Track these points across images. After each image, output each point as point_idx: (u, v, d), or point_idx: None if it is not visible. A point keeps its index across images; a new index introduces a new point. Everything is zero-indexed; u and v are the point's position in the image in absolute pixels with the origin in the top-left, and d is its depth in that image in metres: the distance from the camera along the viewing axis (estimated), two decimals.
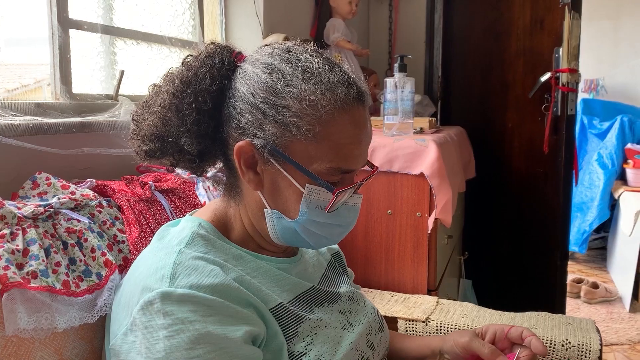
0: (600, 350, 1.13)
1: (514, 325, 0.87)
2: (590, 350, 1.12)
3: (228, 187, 0.85)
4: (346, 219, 0.84)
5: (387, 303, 1.42)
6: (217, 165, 0.88)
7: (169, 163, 0.83)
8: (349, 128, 0.77)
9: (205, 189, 1.19)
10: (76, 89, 1.29)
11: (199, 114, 0.78)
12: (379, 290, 1.55)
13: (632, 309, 3.23)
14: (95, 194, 0.96)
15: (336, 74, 0.77)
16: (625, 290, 3.34)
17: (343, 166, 0.77)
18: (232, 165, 0.81)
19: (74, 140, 1.10)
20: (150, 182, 1.08)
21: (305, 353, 0.76)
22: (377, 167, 0.91)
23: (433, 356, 0.96)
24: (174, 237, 0.79)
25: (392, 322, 1.32)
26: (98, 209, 0.94)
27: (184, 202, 1.12)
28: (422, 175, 1.50)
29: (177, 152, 0.81)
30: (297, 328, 0.78)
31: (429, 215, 1.52)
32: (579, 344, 1.14)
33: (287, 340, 0.76)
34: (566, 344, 1.15)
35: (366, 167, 0.87)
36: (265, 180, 0.79)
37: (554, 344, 1.16)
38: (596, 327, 1.22)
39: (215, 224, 0.84)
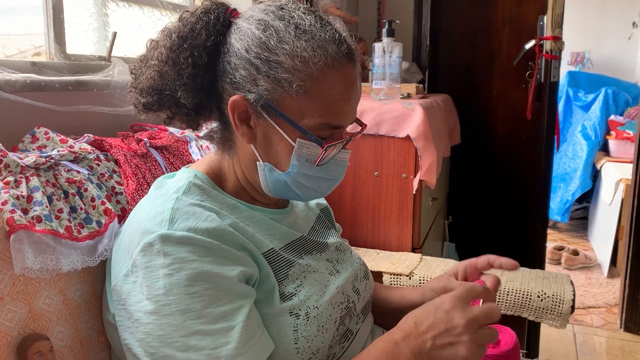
0: (573, 300, 1.20)
1: (481, 256, 0.93)
2: (563, 300, 1.19)
3: (222, 140, 0.89)
4: (334, 172, 0.88)
5: (373, 260, 1.48)
6: (212, 124, 0.92)
7: (165, 116, 0.87)
8: (339, 85, 0.80)
9: (199, 147, 1.23)
10: (70, 49, 1.31)
11: (194, 68, 0.81)
12: (365, 248, 1.61)
13: (610, 275, 3.34)
14: (93, 148, 1.00)
15: (327, 31, 0.80)
16: (604, 257, 3.45)
17: (332, 122, 0.81)
18: (226, 119, 0.85)
19: (70, 98, 1.13)
20: (145, 139, 1.11)
21: (295, 294, 0.82)
22: (365, 125, 0.95)
23: (412, 308, 1.01)
24: (171, 186, 0.83)
25: (377, 276, 1.38)
26: (96, 162, 0.97)
27: (178, 159, 1.16)
28: (408, 138, 1.55)
29: (174, 106, 0.84)
30: (287, 271, 0.83)
31: (414, 177, 1.58)
32: (553, 295, 1.21)
33: (278, 282, 0.81)
34: (541, 295, 1.21)
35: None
36: (258, 134, 0.83)
37: (530, 296, 1.23)
38: (570, 280, 1.29)
39: (210, 176, 0.88)
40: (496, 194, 2.59)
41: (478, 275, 0.93)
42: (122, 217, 0.94)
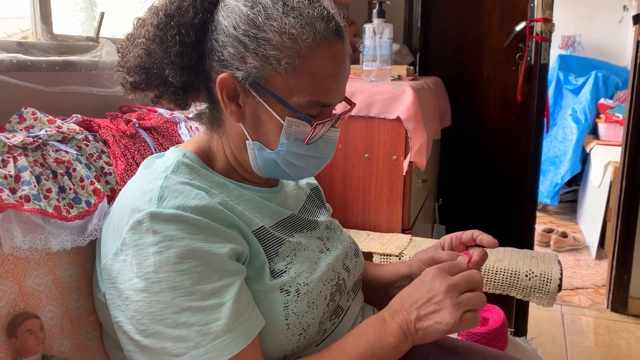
0: (561, 279, 1.22)
1: (465, 231, 0.94)
2: (551, 279, 1.21)
3: (211, 119, 0.89)
4: (324, 151, 0.88)
5: (363, 241, 1.49)
6: (201, 105, 0.91)
7: (153, 95, 0.86)
8: (328, 62, 0.80)
9: (188, 129, 1.22)
10: (57, 30, 1.29)
11: (182, 46, 0.80)
12: (356, 230, 1.62)
13: (598, 256, 3.39)
14: (82, 129, 0.99)
15: (316, 8, 0.80)
16: (592, 239, 3.49)
17: (321, 100, 0.81)
18: (214, 98, 0.84)
19: (58, 78, 1.12)
20: (134, 120, 1.11)
21: (285, 271, 0.82)
22: (354, 104, 0.95)
23: (401, 280, 1.03)
24: (160, 165, 0.83)
25: (367, 256, 1.39)
26: (85, 142, 0.97)
27: (167, 140, 1.15)
28: (398, 119, 1.55)
29: (162, 84, 0.84)
30: (277, 249, 0.84)
31: (404, 159, 1.58)
32: (541, 274, 1.22)
33: (268, 260, 0.82)
34: (529, 274, 1.23)
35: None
36: (247, 112, 0.83)
37: (518, 275, 1.24)
38: (558, 259, 1.31)
39: (199, 155, 0.88)
40: (486, 176, 2.60)
41: (463, 249, 0.94)
42: (112, 197, 0.94)
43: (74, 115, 1.03)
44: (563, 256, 3.39)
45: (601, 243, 3.42)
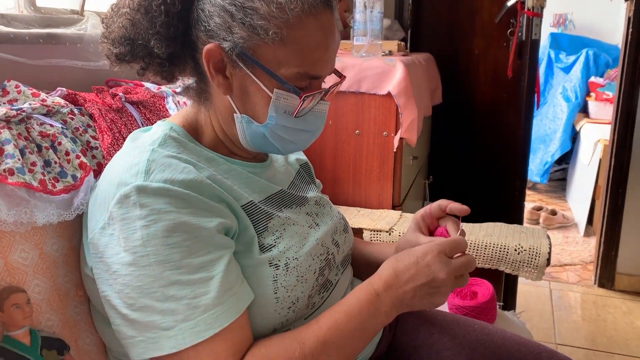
0: (549, 253, 1.22)
1: (432, 204, 0.93)
2: (540, 253, 1.22)
3: (198, 92, 0.88)
4: (313, 124, 0.87)
5: (354, 217, 1.49)
6: (188, 80, 0.90)
7: (139, 67, 0.85)
8: (317, 33, 0.78)
9: (176, 103, 1.21)
10: (40, 2, 1.26)
11: (167, 16, 0.79)
12: (346, 206, 1.62)
13: (586, 234, 3.42)
14: (67, 102, 0.98)
15: None
16: (581, 216, 3.52)
17: (310, 71, 0.80)
18: (201, 70, 0.83)
19: (41, 51, 1.09)
20: (121, 94, 1.09)
21: (274, 245, 0.82)
22: (344, 76, 0.93)
23: None
24: (147, 139, 0.82)
25: (358, 233, 1.39)
26: (70, 116, 0.95)
27: (154, 115, 1.14)
28: (389, 95, 1.54)
29: (147, 56, 0.82)
30: (266, 223, 0.83)
31: (395, 135, 1.57)
32: (530, 248, 1.23)
33: (257, 234, 0.81)
34: (518, 249, 1.24)
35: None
36: (234, 84, 0.81)
37: (507, 249, 1.25)
38: (547, 234, 1.32)
39: (187, 129, 0.86)
40: (476, 154, 2.60)
41: (436, 222, 0.93)
42: (98, 171, 0.93)
43: (58, 88, 1.01)
44: (552, 233, 3.43)
45: (589, 220, 3.46)
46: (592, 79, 4.20)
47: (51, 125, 0.89)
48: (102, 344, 0.90)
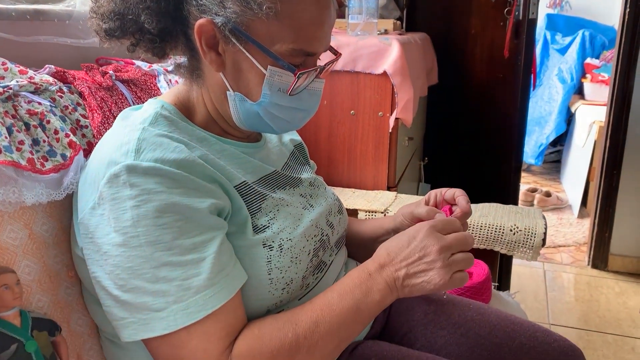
0: (545, 234, 1.22)
1: (449, 188, 0.94)
2: (535, 234, 1.21)
3: (190, 69, 0.85)
4: (308, 103, 0.85)
5: (349, 198, 1.48)
6: (181, 58, 0.87)
7: (129, 43, 0.82)
8: (312, 7, 0.76)
9: (167, 82, 1.18)
10: None
11: None
12: (341, 188, 1.61)
13: (580, 215, 3.43)
14: (55, 80, 0.95)
15: None
16: (575, 198, 3.53)
17: (305, 48, 0.78)
18: (193, 46, 0.81)
19: (29, 28, 1.07)
20: (111, 72, 1.06)
21: (268, 226, 0.80)
22: (340, 54, 0.92)
23: (386, 234, 1.02)
24: (137, 117, 0.80)
25: (353, 214, 1.38)
26: (59, 94, 0.93)
27: (146, 93, 1.11)
28: (384, 74, 1.52)
29: (138, 32, 0.80)
30: (260, 204, 0.82)
31: (390, 115, 1.56)
32: (525, 229, 1.22)
33: (251, 215, 0.80)
34: (514, 229, 1.23)
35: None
36: (227, 61, 0.79)
37: (503, 229, 1.24)
38: (542, 214, 1.31)
39: (178, 107, 0.85)
40: (472, 134, 2.59)
41: (445, 205, 0.95)
42: (89, 150, 0.91)
43: (47, 66, 0.99)
44: (546, 215, 3.41)
45: (584, 202, 3.46)
46: (588, 60, 4.18)
47: (39, 103, 0.87)
48: (94, 325, 0.89)
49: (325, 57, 0.87)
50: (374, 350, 0.89)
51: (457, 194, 0.94)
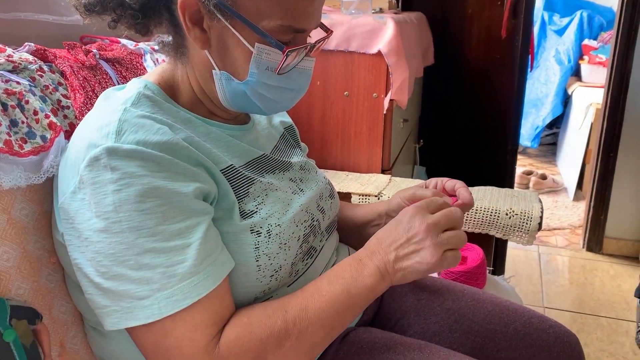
0: (541, 217, 1.20)
1: (450, 179, 0.92)
2: (532, 217, 1.19)
3: (174, 47, 0.82)
4: (297, 82, 0.82)
5: (342, 181, 1.45)
6: (168, 37, 0.83)
7: (110, 19, 0.79)
8: None
9: (154, 61, 1.14)
10: None
11: None
12: (334, 171, 1.58)
13: (576, 198, 3.42)
14: (35, 59, 0.91)
15: None
16: (571, 180, 3.51)
17: (294, 24, 0.74)
18: (177, 22, 0.77)
19: (7, 3, 1.02)
20: (95, 50, 1.03)
21: (256, 211, 0.78)
22: (331, 31, 0.88)
23: (379, 219, 1.00)
24: (119, 98, 0.76)
25: (346, 197, 1.36)
26: (39, 73, 0.89)
27: (131, 73, 1.08)
28: (379, 54, 1.48)
29: (119, 7, 0.76)
30: (248, 189, 0.79)
31: (385, 96, 1.52)
32: (521, 212, 1.20)
33: (238, 200, 0.77)
34: (509, 213, 1.21)
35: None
36: (213, 38, 0.76)
37: (498, 213, 1.22)
38: (539, 197, 1.29)
39: (163, 87, 0.81)
40: (468, 116, 2.55)
41: (445, 194, 0.92)
42: (71, 132, 0.88)
43: (26, 44, 0.95)
44: (542, 198, 3.42)
45: (579, 185, 3.45)
46: (586, 41, 4.14)
47: (18, 83, 0.83)
48: (78, 312, 0.86)
49: (316, 35, 0.83)
50: (366, 337, 0.87)
51: (458, 186, 0.91)
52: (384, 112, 1.54)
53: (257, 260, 0.75)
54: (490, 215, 1.21)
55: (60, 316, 0.84)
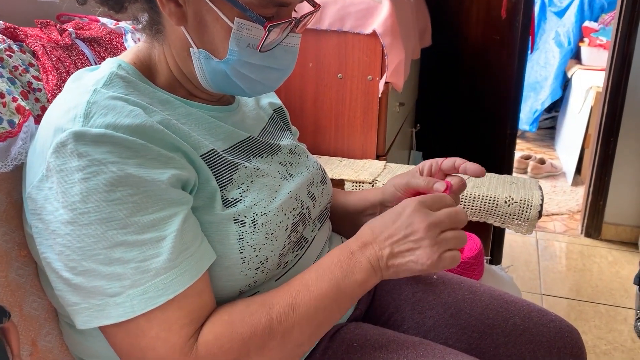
0: (541, 205, 1.15)
1: (447, 157, 0.85)
2: (531, 206, 1.14)
3: (150, 24, 0.76)
4: (282, 61, 0.76)
5: (335, 168, 1.40)
6: (143, 16, 0.78)
7: None
8: None
9: (135, 41, 1.08)
10: None
11: None
12: (328, 157, 1.52)
13: (574, 183, 3.38)
14: (4, 37, 0.85)
15: None
16: (570, 165, 3.47)
17: None
18: None
19: None
20: (70, 29, 0.96)
21: (240, 199, 0.72)
22: (319, 5, 0.82)
23: (372, 208, 0.95)
24: (91, 78, 0.71)
25: (339, 184, 1.30)
26: (7, 53, 0.83)
27: (110, 53, 1.02)
28: (374, 34, 1.42)
29: None
30: (231, 175, 0.74)
31: (380, 79, 1.47)
32: (521, 200, 1.15)
33: (220, 187, 0.72)
34: (509, 200, 1.16)
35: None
36: (189, 13, 0.70)
37: (497, 201, 1.17)
38: (539, 185, 1.24)
39: (138, 67, 0.75)
40: (466, 100, 2.49)
41: (442, 177, 0.85)
42: (42, 116, 0.82)
43: None
44: (540, 183, 3.38)
45: (578, 170, 3.41)
46: (586, 23, 4.06)
47: None
48: (52, 308, 0.81)
49: (302, 10, 0.77)
50: (357, 333, 0.83)
51: (459, 162, 0.83)
52: (379, 95, 1.48)
53: (241, 252, 0.70)
54: (489, 203, 1.16)
55: (32, 312, 0.79)
